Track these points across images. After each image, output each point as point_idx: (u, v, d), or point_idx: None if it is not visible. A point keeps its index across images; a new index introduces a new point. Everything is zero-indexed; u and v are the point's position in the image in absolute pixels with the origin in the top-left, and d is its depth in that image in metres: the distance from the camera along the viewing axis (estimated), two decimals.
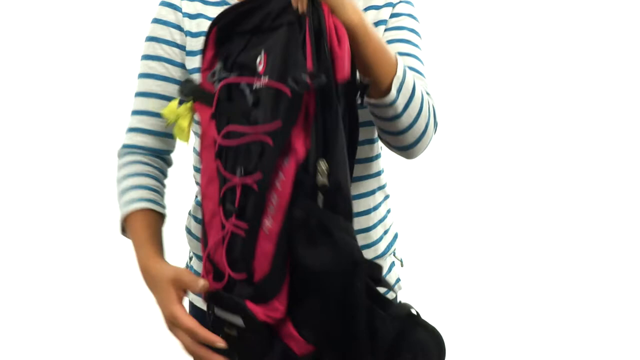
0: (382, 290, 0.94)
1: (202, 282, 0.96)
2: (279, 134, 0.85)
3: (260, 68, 0.89)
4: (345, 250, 0.85)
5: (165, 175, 1.21)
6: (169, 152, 1.21)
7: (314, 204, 0.86)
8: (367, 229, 1.17)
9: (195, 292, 0.99)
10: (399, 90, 0.94)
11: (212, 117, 0.94)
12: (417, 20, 1.16)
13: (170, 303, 0.98)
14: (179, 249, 1.36)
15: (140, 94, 1.17)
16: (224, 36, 0.96)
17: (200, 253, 1.18)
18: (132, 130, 1.18)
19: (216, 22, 0.97)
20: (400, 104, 0.95)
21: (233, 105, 0.92)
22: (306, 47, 0.85)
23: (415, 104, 0.97)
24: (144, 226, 1.10)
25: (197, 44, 1.13)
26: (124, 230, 1.14)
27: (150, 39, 1.17)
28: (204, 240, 0.97)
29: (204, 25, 1.13)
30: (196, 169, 1.21)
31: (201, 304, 1.19)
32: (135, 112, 1.18)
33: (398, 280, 1.26)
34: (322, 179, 0.85)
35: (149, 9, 1.20)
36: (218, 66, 0.96)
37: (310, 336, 0.88)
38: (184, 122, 0.98)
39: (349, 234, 0.86)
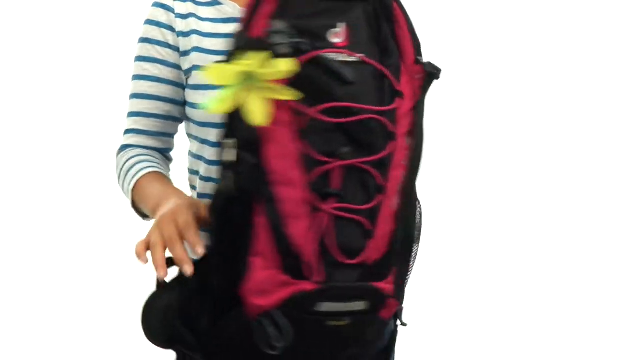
0: None
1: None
2: None
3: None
4: None
5: (168, 167, 1.21)
6: (168, 150, 1.24)
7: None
8: None
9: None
10: None
11: None
12: None
13: (185, 203, 0.95)
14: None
15: (134, 96, 1.19)
16: None
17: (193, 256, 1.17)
18: (128, 131, 1.20)
19: None
20: None
21: None
22: None
23: None
24: (157, 180, 1.09)
25: (189, 43, 1.13)
26: (134, 206, 1.13)
27: (143, 40, 1.17)
28: None
29: (194, 24, 1.13)
30: (191, 172, 1.20)
31: None
32: (131, 114, 1.19)
33: None
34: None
35: (144, 9, 1.20)
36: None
37: None
38: None
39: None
